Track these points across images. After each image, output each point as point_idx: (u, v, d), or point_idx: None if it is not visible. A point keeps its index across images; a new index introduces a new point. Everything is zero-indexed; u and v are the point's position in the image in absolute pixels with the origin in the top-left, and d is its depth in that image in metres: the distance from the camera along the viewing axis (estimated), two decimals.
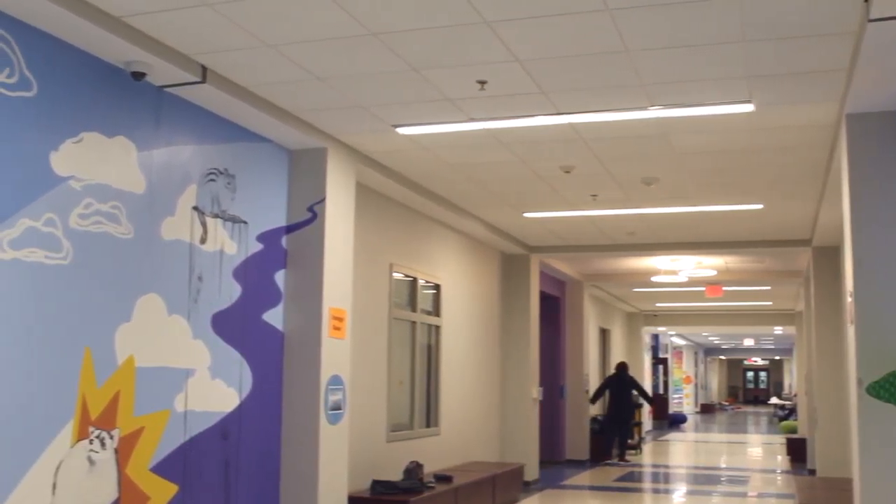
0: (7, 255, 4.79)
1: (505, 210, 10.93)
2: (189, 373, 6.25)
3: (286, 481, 7.27)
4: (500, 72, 5.96)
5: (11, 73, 4.86)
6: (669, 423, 31.27)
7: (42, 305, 5.02)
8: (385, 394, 9.52)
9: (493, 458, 13.10)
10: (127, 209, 5.69)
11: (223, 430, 6.60)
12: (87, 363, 5.33)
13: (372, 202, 9.19)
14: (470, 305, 12.26)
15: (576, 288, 17.86)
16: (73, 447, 5.23)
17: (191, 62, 5.80)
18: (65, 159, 5.21)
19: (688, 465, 19.13)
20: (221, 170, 6.64)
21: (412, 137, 7.60)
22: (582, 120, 6.98)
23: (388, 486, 8.63)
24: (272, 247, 7.26)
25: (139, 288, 5.79)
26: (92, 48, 5.35)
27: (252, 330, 6.97)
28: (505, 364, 13.71)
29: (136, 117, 5.80)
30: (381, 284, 9.52)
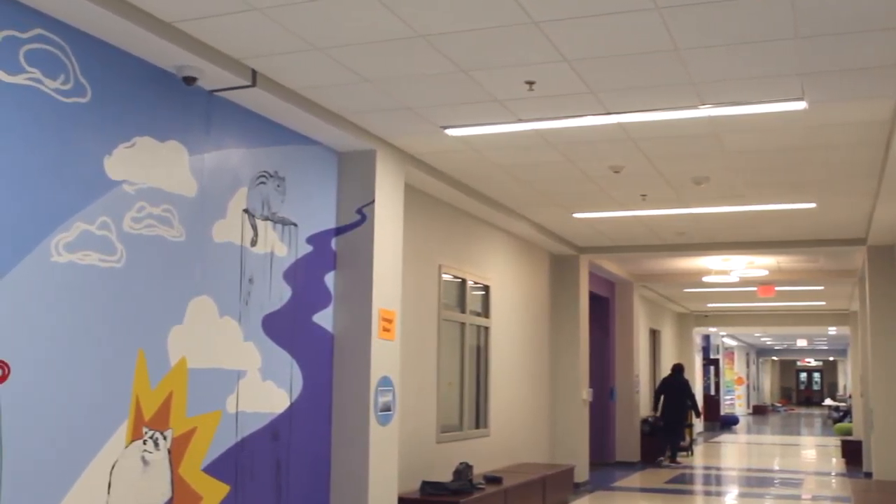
0: (63, 258, 4.87)
1: (554, 210, 10.89)
2: (240, 374, 6.31)
3: (336, 482, 7.30)
4: (549, 72, 5.94)
5: (67, 80, 4.94)
6: (721, 425, 30.96)
7: (97, 308, 5.10)
8: (434, 395, 9.53)
9: (543, 459, 13.05)
10: (179, 212, 5.75)
11: (274, 430, 6.65)
12: (140, 365, 5.40)
13: (421, 203, 9.20)
14: (519, 307, 12.23)
15: (626, 288, 17.75)
16: (128, 447, 5.29)
17: (241, 66, 5.85)
18: (118, 164, 5.28)
19: (740, 467, 18.93)
20: (271, 172, 6.69)
21: (461, 139, 7.60)
22: (631, 119, 6.93)
23: (438, 488, 8.64)
24: (322, 249, 7.30)
25: (191, 290, 5.85)
26: (144, 54, 5.42)
27: (302, 331, 7.02)
28: (554, 365, 13.66)
29: (187, 121, 5.87)
30: (431, 286, 9.53)
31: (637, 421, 17.78)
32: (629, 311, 17.73)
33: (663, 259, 15.01)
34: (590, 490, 13.37)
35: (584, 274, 14.01)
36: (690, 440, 20.39)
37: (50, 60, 4.84)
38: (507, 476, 10.18)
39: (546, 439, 13.32)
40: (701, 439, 24.85)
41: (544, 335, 13.33)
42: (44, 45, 4.80)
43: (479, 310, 11.01)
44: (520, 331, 12.26)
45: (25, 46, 4.69)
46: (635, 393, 17.68)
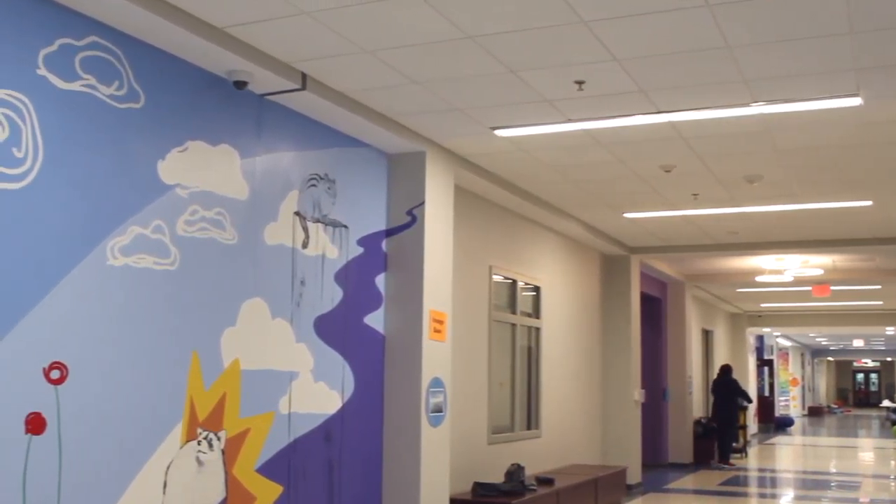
0: (118, 261, 4.94)
1: (604, 211, 10.84)
2: (293, 375, 6.35)
3: (388, 483, 7.33)
4: (599, 71, 5.91)
5: (121, 86, 5.01)
6: (776, 427, 30.58)
7: (151, 310, 5.17)
8: (486, 396, 9.52)
9: (595, 460, 12.98)
10: (231, 215, 5.81)
11: (326, 431, 6.69)
12: (194, 366, 5.46)
13: (471, 205, 9.21)
14: (570, 307, 12.18)
15: (677, 289, 17.61)
16: (183, 448, 5.36)
17: (291, 70, 5.89)
18: (171, 168, 5.35)
19: (795, 469, 18.69)
20: (322, 175, 6.73)
21: (510, 139, 7.59)
22: (682, 118, 6.87)
23: (490, 489, 8.63)
24: (372, 250, 7.33)
25: (244, 292, 5.91)
26: (196, 59, 5.48)
27: (354, 333, 7.05)
28: (606, 366, 13.58)
29: (238, 125, 5.92)
30: (481, 287, 9.53)
31: (690, 422, 17.62)
32: (681, 312, 17.58)
33: (715, 259, 14.86)
34: (642, 492, 13.28)
35: (635, 274, 13.92)
36: (744, 442, 20.16)
37: (104, 67, 4.91)
38: (559, 477, 10.14)
39: (598, 440, 13.25)
40: (755, 441, 24.56)
41: (596, 336, 13.26)
42: (98, 52, 4.88)
43: (530, 310, 10.98)
44: (571, 331, 12.21)
45: (81, 54, 4.77)
46: (688, 394, 17.52)
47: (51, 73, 4.61)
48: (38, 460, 4.44)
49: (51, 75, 4.61)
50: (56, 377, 4.56)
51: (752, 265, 15.75)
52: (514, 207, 10.10)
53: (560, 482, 9.79)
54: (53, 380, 4.55)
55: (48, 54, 4.60)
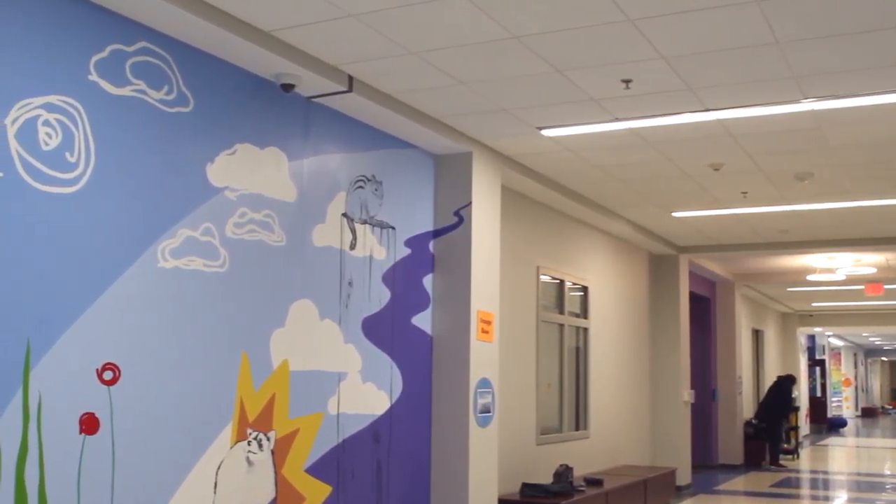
0: (169, 263, 5.00)
1: (652, 210, 10.76)
2: (341, 376, 6.38)
3: (437, 483, 7.34)
4: (645, 70, 5.87)
5: (170, 90, 5.07)
6: (828, 428, 30.16)
7: (201, 312, 5.22)
8: (534, 396, 9.50)
9: (644, 461, 12.90)
10: (279, 217, 5.85)
11: (375, 432, 6.71)
12: (244, 367, 5.51)
13: (518, 205, 9.19)
14: (618, 307, 12.12)
15: (727, 288, 17.44)
16: (233, 448, 5.41)
17: (337, 72, 5.92)
18: (220, 171, 5.40)
19: (848, 471, 18.43)
20: (369, 177, 6.76)
21: (557, 139, 7.57)
22: (731, 116, 6.80)
23: (539, 490, 8.61)
24: (420, 251, 7.35)
25: (292, 294, 5.95)
26: (243, 63, 5.53)
27: (401, 334, 7.07)
28: (655, 366, 13.49)
29: (286, 128, 5.97)
30: (529, 287, 9.51)
31: (740, 423, 17.44)
32: (731, 311, 17.41)
33: (765, 258, 14.70)
34: (692, 493, 13.17)
35: (683, 273, 13.81)
36: (796, 443, 19.92)
37: (154, 72, 4.98)
38: (608, 478, 10.09)
39: (647, 441, 13.17)
40: (807, 442, 24.25)
41: (644, 336, 13.18)
42: (148, 57, 4.94)
43: (578, 311, 10.94)
44: (619, 331, 12.14)
45: (131, 59, 4.84)
46: (738, 394, 17.35)
47: (102, 79, 4.67)
48: (91, 460, 4.51)
49: (102, 81, 4.67)
50: (109, 378, 4.63)
51: (803, 264, 15.56)
52: (562, 207, 10.07)
53: (609, 483, 9.74)
54: (106, 381, 4.61)
55: (99, 60, 4.67)
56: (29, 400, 4.22)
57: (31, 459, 4.23)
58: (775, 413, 17.68)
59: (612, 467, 11.48)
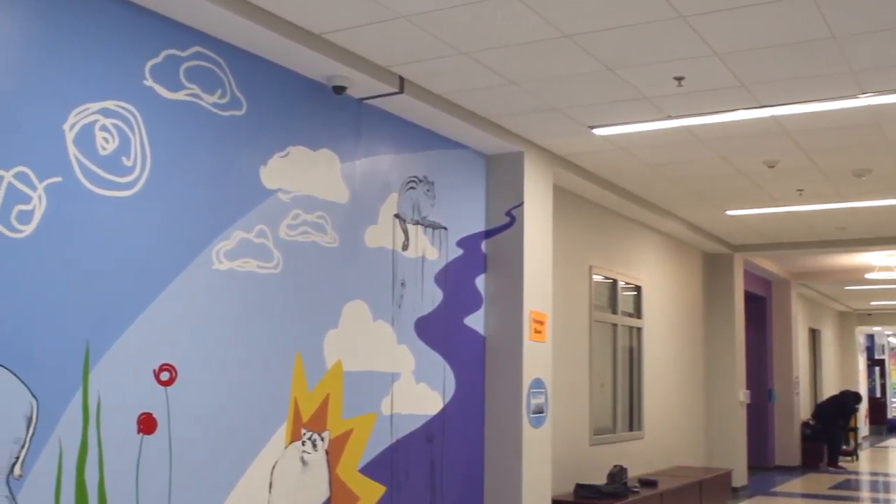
0: (223, 265, 5.06)
1: (706, 208, 10.66)
2: (394, 377, 6.40)
3: (490, 484, 7.33)
4: (698, 67, 5.82)
5: (223, 94, 5.13)
6: (888, 429, 29.63)
7: (256, 313, 5.27)
8: (587, 397, 9.46)
9: (699, 462, 12.78)
10: (332, 219, 5.89)
11: (428, 432, 6.73)
12: (298, 368, 5.55)
13: (570, 204, 9.16)
14: (672, 307, 12.02)
15: (783, 287, 17.22)
16: (287, 448, 5.45)
17: (389, 73, 5.94)
18: (273, 173, 5.45)
19: None
20: (421, 177, 6.78)
21: (609, 138, 7.53)
22: (786, 112, 6.71)
23: (592, 490, 8.56)
24: (472, 252, 7.35)
25: (345, 295, 5.98)
26: (295, 66, 5.57)
27: (454, 334, 7.07)
28: (709, 366, 13.36)
29: (338, 130, 6.00)
30: (582, 287, 9.47)
31: (797, 424, 17.21)
32: (787, 311, 17.19)
33: (822, 256, 14.49)
34: (748, 495, 13.01)
35: (738, 272, 13.67)
36: (855, 445, 19.60)
37: (208, 76, 5.03)
38: (663, 479, 10.02)
39: (702, 442, 13.04)
40: (866, 444, 23.85)
41: (698, 336, 13.06)
42: (202, 61, 5.00)
43: (631, 310, 10.87)
44: (673, 331, 12.04)
45: (185, 64, 4.90)
46: (795, 395, 17.11)
47: (157, 84, 4.74)
48: (149, 459, 4.57)
49: (157, 86, 4.74)
50: (166, 379, 4.69)
51: (862, 262, 15.31)
52: (614, 206, 10.01)
53: (663, 484, 9.67)
54: (163, 381, 4.67)
55: (154, 65, 4.73)
56: (88, 400, 4.29)
57: (91, 459, 4.30)
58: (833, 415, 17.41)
59: (667, 468, 11.39)
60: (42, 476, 4.07)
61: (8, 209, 4.00)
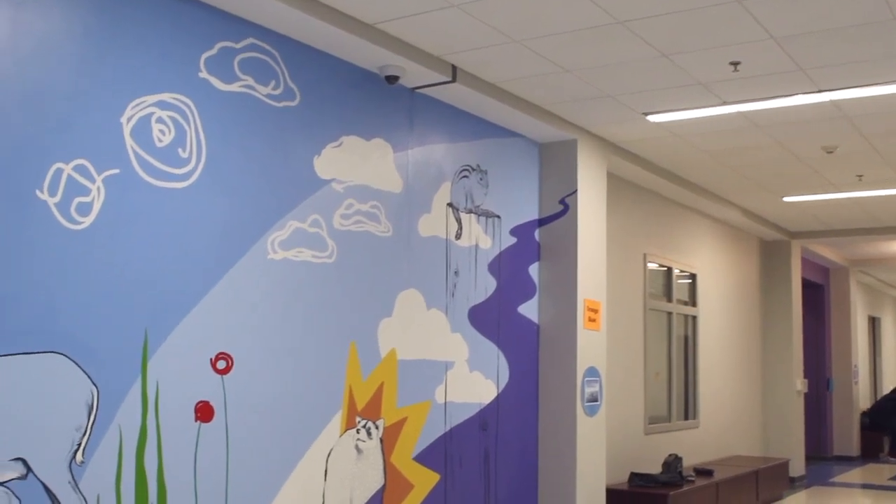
0: (278, 255, 5.10)
1: (762, 195, 10.52)
2: (448, 365, 6.42)
3: (544, 472, 7.32)
4: (755, 51, 5.74)
5: (277, 85, 5.16)
6: None
7: (311, 302, 5.31)
8: (642, 386, 9.41)
9: (756, 452, 12.65)
10: (386, 208, 5.90)
11: (482, 421, 6.73)
12: (352, 357, 5.58)
13: (623, 192, 9.09)
14: (728, 295, 11.90)
15: (841, 274, 16.95)
16: (342, 436, 5.49)
17: (441, 62, 5.94)
18: (327, 163, 5.47)
19: None
20: (474, 166, 6.77)
21: (663, 125, 7.46)
22: (845, 96, 6.60)
23: (647, 479, 8.52)
24: (525, 240, 7.33)
25: (399, 284, 6.00)
26: (348, 56, 5.59)
27: (508, 323, 7.07)
28: (766, 355, 13.21)
29: (391, 119, 6.01)
30: (636, 275, 9.41)
31: (856, 413, 16.95)
32: (845, 298, 16.92)
33: (883, 242, 14.23)
34: (806, 485, 12.86)
35: (796, 260, 13.48)
36: None
37: (262, 68, 5.07)
38: (719, 469, 9.93)
39: (758, 431, 12.91)
40: None
41: (755, 324, 12.91)
42: (256, 53, 5.04)
43: (686, 299, 10.78)
44: (729, 320, 11.92)
45: (239, 56, 4.94)
46: (854, 384, 16.86)
47: (212, 76, 4.78)
48: (207, 447, 4.63)
49: (212, 78, 4.78)
50: (222, 367, 4.74)
51: None
52: (668, 194, 9.92)
53: (719, 474, 9.59)
54: (220, 370, 4.73)
55: (209, 57, 4.78)
56: (147, 388, 4.36)
57: (150, 446, 4.36)
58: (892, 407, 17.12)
59: (723, 458, 11.29)
60: (103, 462, 4.15)
61: (68, 201, 4.07)
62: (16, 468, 3.83)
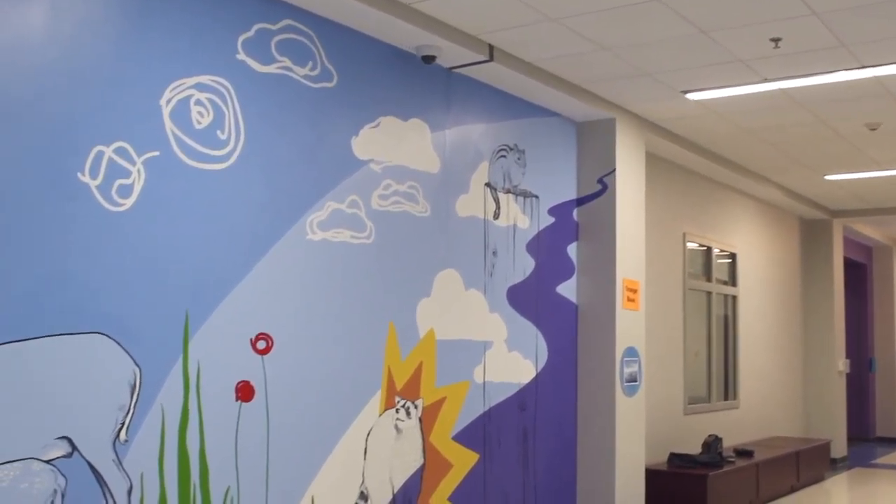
0: (316, 236, 5.12)
1: (803, 173, 10.40)
2: (487, 345, 6.42)
3: (583, 452, 7.32)
4: (796, 27, 5.66)
5: (314, 66, 5.17)
6: None
7: (349, 283, 5.33)
8: (681, 366, 9.36)
9: (796, 433, 12.56)
10: (423, 188, 5.91)
11: (521, 401, 6.74)
12: (391, 337, 5.60)
13: (662, 171, 9.03)
14: (768, 274, 11.79)
15: (884, 253, 16.74)
16: (382, 416, 5.52)
17: (478, 42, 5.92)
18: (364, 144, 5.48)
19: None
20: (511, 146, 6.75)
21: (702, 102, 7.39)
22: (889, 72, 6.50)
23: (687, 460, 8.49)
24: (564, 220, 7.30)
25: (437, 264, 6.01)
26: (385, 36, 5.58)
27: (546, 302, 7.06)
28: (807, 335, 13.09)
29: (428, 100, 6.00)
30: (675, 254, 9.35)
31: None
32: (889, 278, 16.71)
33: None
34: (848, 467, 12.75)
35: (837, 239, 13.32)
36: None
37: (299, 49, 5.08)
38: (759, 449, 9.87)
39: (799, 412, 12.81)
40: None
41: (796, 303, 12.79)
42: (293, 34, 5.05)
43: (726, 278, 10.70)
44: (769, 299, 11.82)
45: (276, 37, 4.95)
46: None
47: (249, 58, 4.80)
48: (247, 426, 4.68)
49: (249, 59, 4.80)
50: (262, 347, 4.78)
51: None
52: (708, 172, 9.84)
53: (759, 454, 9.53)
54: (260, 350, 4.77)
55: (246, 39, 4.79)
56: (188, 368, 4.41)
57: (192, 425, 4.41)
58: None
59: (763, 438, 11.22)
60: (146, 441, 4.20)
61: (109, 184, 4.11)
62: (61, 447, 3.89)
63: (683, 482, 8.16)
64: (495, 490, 6.46)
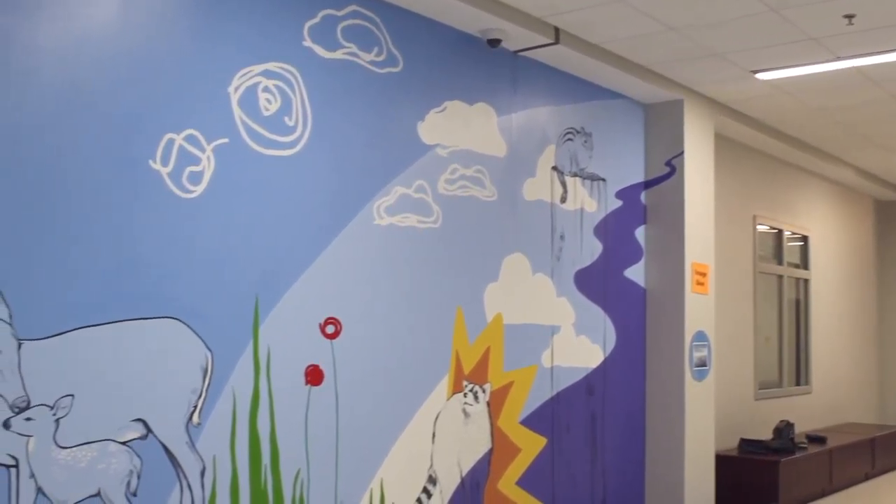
0: (384, 221, 5.14)
1: (877, 153, 10.17)
2: (554, 329, 6.40)
3: (651, 437, 7.27)
4: (871, 3, 5.53)
5: (380, 52, 5.18)
6: None
7: (417, 267, 5.35)
8: (751, 350, 9.24)
9: (871, 419, 12.31)
10: (490, 173, 5.89)
11: (588, 385, 6.71)
12: (459, 321, 5.61)
13: (731, 152, 8.90)
14: (841, 257, 11.56)
15: None
16: (449, 400, 5.53)
17: (543, 24, 5.88)
18: (431, 128, 5.49)
19: None
20: (578, 129, 6.70)
21: (773, 82, 7.26)
22: None
23: (758, 446, 8.38)
24: (631, 203, 7.24)
25: (505, 248, 6.00)
26: (450, 20, 5.58)
27: (614, 286, 7.01)
28: (882, 319, 12.81)
29: (494, 83, 5.98)
30: (745, 238, 9.22)
31: None
32: None
33: None
34: None
35: None
36: None
37: (364, 34, 5.09)
38: (832, 436, 9.71)
39: (875, 398, 12.56)
40: None
41: (870, 287, 12.53)
42: (358, 20, 5.06)
43: (798, 262, 10.52)
44: (842, 283, 11.59)
45: (342, 23, 4.97)
46: None
47: (316, 44, 4.83)
48: (317, 409, 4.73)
49: (316, 46, 4.83)
50: (331, 332, 4.82)
51: None
52: (778, 154, 9.67)
53: (833, 441, 9.37)
54: (329, 334, 4.81)
55: (312, 26, 4.82)
56: (259, 353, 4.46)
57: (263, 409, 4.47)
58: None
59: (836, 424, 11.03)
60: (218, 424, 4.27)
61: (180, 171, 4.17)
62: (136, 429, 3.97)
63: (754, 468, 8.07)
64: (563, 475, 6.44)
